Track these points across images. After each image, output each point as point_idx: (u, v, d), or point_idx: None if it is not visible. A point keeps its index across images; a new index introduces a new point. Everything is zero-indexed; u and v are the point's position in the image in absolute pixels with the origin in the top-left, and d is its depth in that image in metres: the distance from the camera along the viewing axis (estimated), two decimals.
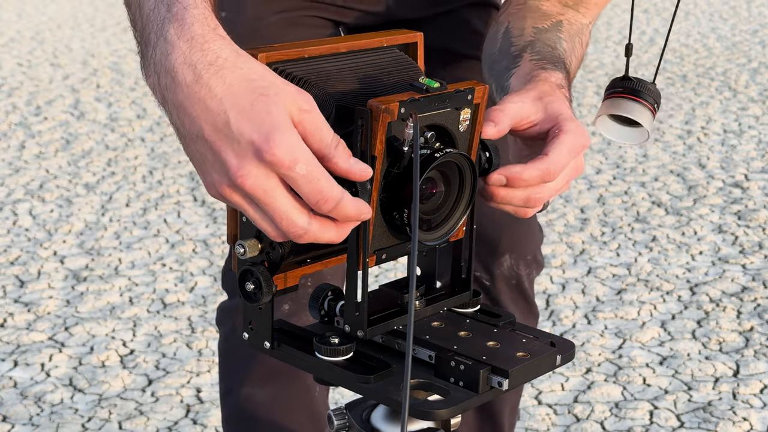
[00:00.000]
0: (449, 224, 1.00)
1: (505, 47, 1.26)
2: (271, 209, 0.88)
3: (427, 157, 0.94)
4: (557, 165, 1.02)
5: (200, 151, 0.89)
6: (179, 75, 0.89)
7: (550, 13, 1.31)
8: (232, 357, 1.59)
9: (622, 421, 2.45)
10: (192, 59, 0.89)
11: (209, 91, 0.87)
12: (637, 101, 1.24)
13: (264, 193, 0.87)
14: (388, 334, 1.00)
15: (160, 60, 0.90)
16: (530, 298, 1.62)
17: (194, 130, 0.88)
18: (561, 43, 1.26)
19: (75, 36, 6.95)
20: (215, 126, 0.87)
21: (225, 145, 0.87)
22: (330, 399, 2.50)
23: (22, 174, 4.22)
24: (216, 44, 0.90)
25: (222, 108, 0.87)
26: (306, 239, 0.90)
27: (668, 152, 4.45)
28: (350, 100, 0.95)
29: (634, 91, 1.24)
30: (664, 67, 5.98)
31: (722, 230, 3.59)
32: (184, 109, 0.89)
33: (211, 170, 0.89)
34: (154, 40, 0.92)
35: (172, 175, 4.18)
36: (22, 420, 2.46)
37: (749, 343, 2.82)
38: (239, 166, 0.86)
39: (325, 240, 0.90)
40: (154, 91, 0.93)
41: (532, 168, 1.01)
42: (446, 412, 0.92)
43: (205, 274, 3.23)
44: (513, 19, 1.30)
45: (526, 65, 1.19)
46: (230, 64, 0.89)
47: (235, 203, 0.90)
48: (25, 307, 3.03)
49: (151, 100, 5.30)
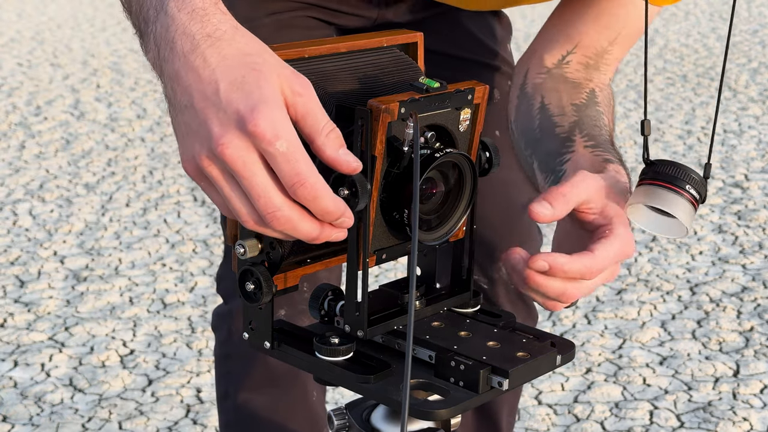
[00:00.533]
0: (449, 224, 1.00)
1: (547, 126, 1.25)
2: (248, 183, 0.86)
3: (427, 157, 0.94)
4: (600, 265, 1.02)
5: (186, 121, 0.88)
6: (177, 45, 0.89)
7: (578, 81, 1.30)
8: (229, 362, 1.58)
9: (622, 421, 2.45)
10: (191, 29, 0.89)
11: (203, 61, 0.87)
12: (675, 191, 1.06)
13: (243, 164, 0.85)
14: (388, 334, 1.00)
15: (161, 33, 0.90)
16: (529, 301, 1.62)
17: (184, 99, 0.88)
18: (602, 118, 1.25)
19: (75, 36, 6.95)
20: (204, 94, 0.87)
21: (211, 113, 0.86)
22: (330, 399, 2.50)
23: (22, 174, 4.22)
24: (216, 17, 0.90)
25: (214, 77, 0.87)
26: (281, 223, 0.87)
27: (668, 152, 4.45)
28: (350, 100, 0.95)
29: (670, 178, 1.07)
30: (664, 67, 5.99)
31: (722, 230, 3.60)
32: (178, 79, 0.88)
33: (193, 140, 0.88)
34: (153, 15, 0.92)
35: (172, 175, 4.18)
36: (22, 420, 2.46)
37: (749, 343, 2.82)
38: (221, 134, 0.85)
39: (301, 232, 0.88)
40: (153, 66, 0.92)
41: (577, 261, 1.01)
42: (446, 412, 0.92)
43: (205, 274, 3.23)
44: (545, 92, 1.29)
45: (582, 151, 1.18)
46: (228, 37, 0.89)
47: (212, 177, 0.88)
48: (25, 307, 3.03)
49: (151, 100, 5.30)
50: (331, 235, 0.90)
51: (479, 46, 1.55)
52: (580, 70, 1.32)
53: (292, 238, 0.90)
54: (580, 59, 1.32)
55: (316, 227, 0.88)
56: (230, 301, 1.57)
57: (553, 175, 1.18)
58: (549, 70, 1.33)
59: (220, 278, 1.62)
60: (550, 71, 1.32)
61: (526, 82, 1.33)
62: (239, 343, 1.54)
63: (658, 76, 5.75)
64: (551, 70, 1.32)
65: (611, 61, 1.34)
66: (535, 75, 1.33)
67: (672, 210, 1.06)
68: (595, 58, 1.32)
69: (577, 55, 1.32)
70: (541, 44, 1.36)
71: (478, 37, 1.54)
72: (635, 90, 5.47)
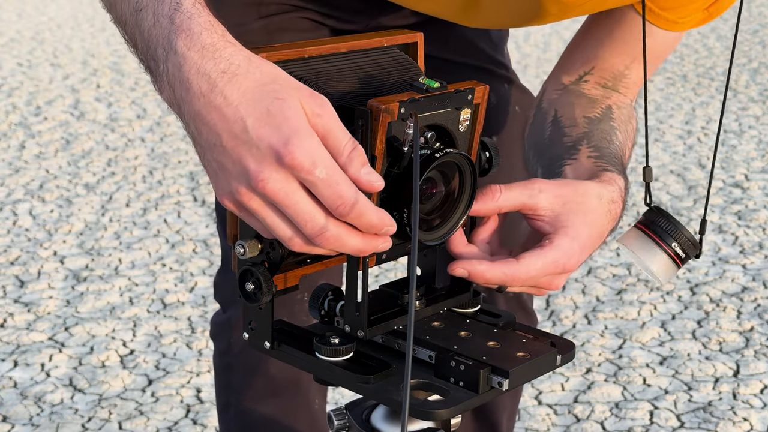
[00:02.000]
0: (449, 224, 1.00)
1: (556, 137, 1.25)
2: (292, 211, 0.87)
3: (427, 157, 0.94)
4: (523, 275, 1.00)
5: (217, 159, 0.89)
6: (194, 85, 0.89)
7: (595, 98, 1.29)
8: (229, 373, 1.57)
9: (622, 421, 2.45)
10: (205, 68, 0.89)
11: (224, 99, 0.87)
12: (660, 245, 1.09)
13: (285, 195, 0.87)
14: (388, 334, 1.00)
15: (173, 73, 0.90)
16: (528, 307, 1.61)
17: (212, 138, 0.88)
18: (616, 134, 1.24)
19: (75, 36, 6.95)
20: (233, 133, 0.87)
21: (244, 150, 0.87)
22: (330, 399, 2.50)
23: (22, 174, 4.22)
24: (227, 51, 0.90)
25: (239, 115, 0.87)
26: (329, 242, 0.89)
27: (668, 152, 4.46)
28: (350, 100, 0.95)
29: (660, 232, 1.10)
30: (664, 67, 5.98)
31: (722, 230, 3.60)
32: (201, 119, 0.89)
33: (229, 178, 0.88)
34: (162, 55, 0.91)
35: (172, 175, 4.18)
36: (22, 420, 2.46)
37: (749, 343, 2.82)
38: (259, 170, 0.86)
39: (351, 248, 0.90)
40: (170, 105, 0.92)
41: (498, 269, 1.00)
42: (446, 412, 0.92)
43: (205, 274, 3.23)
44: (559, 106, 1.29)
45: (584, 161, 1.17)
46: (243, 71, 0.88)
47: (253, 210, 0.89)
48: (25, 307, 3.03)
49: (151, 100, 5.30)
50: (377, 246, 0.91)
51: (474, 50, 1.54)
52: (597, 88, 1.31)
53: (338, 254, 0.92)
54: (598, 80, 1.32)
55: (362, 240, 0.90)
56: (228, 309, 1.56)
57: (552, 177, 1.18)
58: (566, 86, 1.32)
59: (218, 286, 1.61)
60: (567, 87, 1.32)
61: (542, 99, 1.33)
62: (240, 354, 1.53)
63: (658, 76, 5.75)
64: (568, 87, 1.32)
65: (630, 84, 1.32)
66: (551, 92, 1.33)
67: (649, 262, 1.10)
68: (612, 80, 1.32)
69: (595, 76, 1.32)
70: (560, 68, 1.36)
71: (472, 41, 1.53)
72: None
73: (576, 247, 1.03)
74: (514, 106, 1.53)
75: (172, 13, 0.92)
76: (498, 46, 1.57)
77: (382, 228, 0.90)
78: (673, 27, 1.29)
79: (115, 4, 0.99)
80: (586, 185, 1.08)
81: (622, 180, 1.14)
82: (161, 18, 0.92)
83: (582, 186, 1.08)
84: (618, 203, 1.11)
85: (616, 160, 1.18)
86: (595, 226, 1.05)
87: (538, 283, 1.03)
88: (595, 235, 1.06)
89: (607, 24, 1.31)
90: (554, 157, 1.21)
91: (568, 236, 1.03)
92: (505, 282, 1.00)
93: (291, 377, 1.52)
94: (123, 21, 0.98)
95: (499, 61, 1.56)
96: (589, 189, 1.08)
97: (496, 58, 1.56)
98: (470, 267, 1.00)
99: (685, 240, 1.09)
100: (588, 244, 1.05)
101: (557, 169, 1.18)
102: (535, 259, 1.01)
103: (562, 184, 1.07)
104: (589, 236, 1.05)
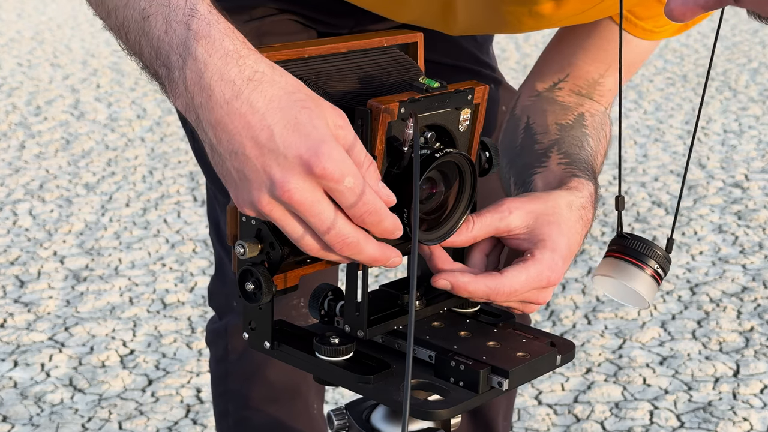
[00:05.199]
0: (449, 224, 1.00)
1: (528, 144, 1.24)
2: (317, 220, 0.88)
3: (427, 157, 0.94)
4: (507, 289, 1.00)
5: (238, 168, 0.88)
6: (216, 92, 0.87)
7: (569, 105, 1.29)
8: (227, 381, 1.56)
9: (622, 421, 2.45)
10: (229, 75, 0.87)
11: (250, 107, 0.86)
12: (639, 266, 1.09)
13: (311, 205, 0.87)
14: (388, 334, 1.00)
15: (192, 79, 0.88)
16: None
17: (232, 146, 0.87)
18: (587, 140, 1.23)
19: (75, 36, 6.95)
20: (257, 141, 0.86)
21: (269, 159, 0.86)
22: (330, 399, 2.50)
23: (22, 174, 4.22)
24: (251, 59, 0.88)
25: (265, 123, 0.86)
26: (349, 249, 0.89)
27: (668, 152, 4.46)
28: (350, 100, 0.95)
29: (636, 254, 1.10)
30: (664, 67, 5.99)
31: (722, 230, 3.60)
32: (222, 126, 0.87)
33: (249, 186, 0.88)
34: (179, 61, 0.89)
35: (172, 175, 4.18)
36: (22, 420, 2.46)
37: (749, 343, 2.82)
38: (284, 180, 0.86)
39: (368, 255, 0.91)
40: (186, 112, 0.90)
41: (481, 282, 0.99)
42: (446, 412, 0.92)
43: (205, 274, 3.23)
44: (531, 113, 1.28)
45: (554, 167, 1.17)
46: (268, 79, 0.87)
47: (274, 218, 0.89)
48: (25, 307, 3.03)
49: (151, 100, 5.30)
50: (389, 257, 0.92)
51: (460, 52, 1.53)
52: (571, 95, 1.31)
53: (350, 261, 0.93)
54: (572, 87, 1.32)
55: (378, 249, 0.91)
56: (224, 316, 1.56)
57: (523, 187, 1.18)
58: (539, 93, 1.32)
59: (212, 293, 1.60)
60: (541, 94, 1.32)
61: (516, 105, 1.33)
62: (237, 361, 1.53)
63: (658, 76, 5.75)
64: (542, 93, 1.32)
65: (605, 92, 1.32)
66: (525, 98, 1.33)
67: (634, 285, 1.09)
68: (587, 88, 1.32)
69: (569, 83, 1.32)
70: (534, 74, 1.36)
71: (458, 43, 1.52)
72: (635, 90, 5.47)
73: (558, 259, 1.03)
74: (502, 106, 1.53)
75: (187, 20, 0.90)
76: (483, 47, 1.57)
77: (394, 232, 0.91)
78: (650, 36, 1.29)
79: (114, 11, 0.97)
80: (555, 196, 1.08)
81: (592, 185, 1.14)
82: (174, 24, 0.90)
83: (551, 198, 1.08)
84: (588, 209, 1.11)
85: (586, 166, 1.18)
86: (570, 234, 1.06)
87: (524, 297, 1.02)
88: (573, 244, 1.06)
89: (583, 32, 1.31)
90: (525, 166, 1.21)
91: (548, 248, 1.03)
92: (488, 295, 1.00)
93: (289, 383, 1.52)
94: (125, 28, 0.96)
95: (485, 62, 1.56)
96: (559, 199, 1.08)
97: (482, 59, 1.56)
98: (453, 279, 0.99)
99: (661, 258, 1.10)
100: (567, 254, 1.05)
101: (528, 179, 1.18)
102: (518, 273, 1.01)
103: (531, 200, 1.06)
104: (568, 246, 1.05)
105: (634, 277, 1.09)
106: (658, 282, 1.10)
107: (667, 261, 1.10)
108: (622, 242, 1.10)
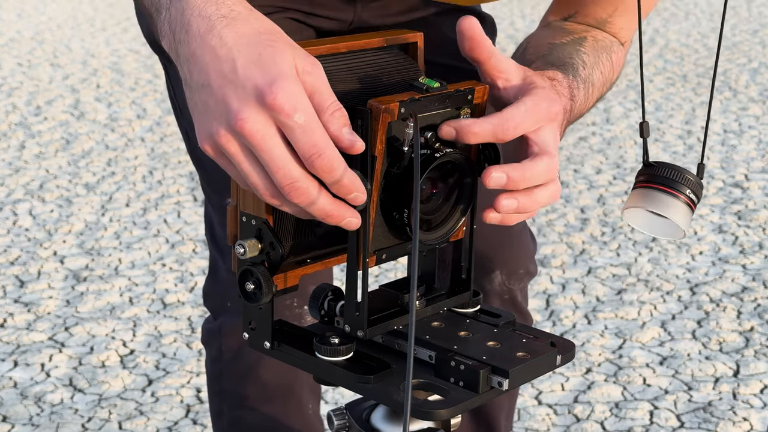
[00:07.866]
0: (449, 224, 1.00)
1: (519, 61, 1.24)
2: (267, 156, 0.88)
3: (427, 157, 0.94)
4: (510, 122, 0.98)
5: (203, 100, 0.90)
6: (193, 27, 0.91)
7: (572, 30, 1.29)
8: (221, 381, 1.56)
9: (622, 421, 2.45)
10: (207, 11, 0.91)
11: (220, 40, 0.89)
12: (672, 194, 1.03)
13: (262, 138, 0.87)
14: (388, 334, 1.00)
15: (175, 17, 0.93)
16: (524, 309, 1.61)
17: (201, 78, 0.90)
18: (579, 55, 1.22)
19: (75, 36, 6.95)
20: (221, 72, 0.89)
21: (229, 90, 0.88)
22: (330, 399, 2.50)
23: (22, 174, 4.22)
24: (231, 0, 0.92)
25: (231, 55, 0.89)
26: (299, 194, 0.89)
27: (668, 152, 4.46)
28: (350, 100, 0.95)
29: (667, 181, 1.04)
30: (664, 67, 5.99)
31: (722, 230, 3.60)
32: (194, 59, 0.90)
33: (211, 118, 0.90)
34: (166, 2, 0.94)
35: (172, 175, 4.18)
36: (22, 420, 2.46)
37: (749, 343, 2.82)
38: (240, 109, 0.87)
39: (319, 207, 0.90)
40: (169, 50, 0.94)
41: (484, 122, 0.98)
42: (446, 412, 0.92)
43: (205, 274, 3.23)
44: (534, 38, 1.29)
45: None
46: (243, 17, 0.91)
47: (230, 154, 0.90)
48: (25, 307, 3.03)
49: (151, 99, 5.31)
50: (345, 216, 0.91)
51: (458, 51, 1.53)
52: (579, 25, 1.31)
53: (308, 216, 0.92)
54: (582, 20, 1.32)
55: (331, 203, 0.90)
56: (219, 316, 1.56)
57: None
58: (549, 23, 1.33)
59: (207, 293, 1.60)
60: (551, 24, 1.32)
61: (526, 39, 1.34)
62: (231, 361, 1.53)
63: (658, 76, 5.75)
64: (551, 23, 1.32)
65: (616, 30, 1.31)
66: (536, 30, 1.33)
67: (670, 214, 1.03)
68: (596, 24, 1.32)
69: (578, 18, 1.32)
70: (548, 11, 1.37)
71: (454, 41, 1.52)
72: (635, 90, 5.47)
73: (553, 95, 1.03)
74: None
75: None
76: None
77: (351, 191, 0.90)
78: None
79: None
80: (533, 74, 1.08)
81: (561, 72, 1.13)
82: None
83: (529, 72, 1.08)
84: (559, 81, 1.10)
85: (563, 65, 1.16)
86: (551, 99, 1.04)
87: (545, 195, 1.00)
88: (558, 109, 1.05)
89: None
90: None
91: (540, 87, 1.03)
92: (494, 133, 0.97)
93: (283, 383, 1.52)
94: None
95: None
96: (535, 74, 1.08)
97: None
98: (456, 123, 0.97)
99: (694, 183, 1.03)
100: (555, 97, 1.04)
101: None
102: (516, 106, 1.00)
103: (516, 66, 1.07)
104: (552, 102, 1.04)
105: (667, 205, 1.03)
106: (692, 209, 1.04)
107: (700, 187, 1.04)
108: (651, 170, 1.04)
